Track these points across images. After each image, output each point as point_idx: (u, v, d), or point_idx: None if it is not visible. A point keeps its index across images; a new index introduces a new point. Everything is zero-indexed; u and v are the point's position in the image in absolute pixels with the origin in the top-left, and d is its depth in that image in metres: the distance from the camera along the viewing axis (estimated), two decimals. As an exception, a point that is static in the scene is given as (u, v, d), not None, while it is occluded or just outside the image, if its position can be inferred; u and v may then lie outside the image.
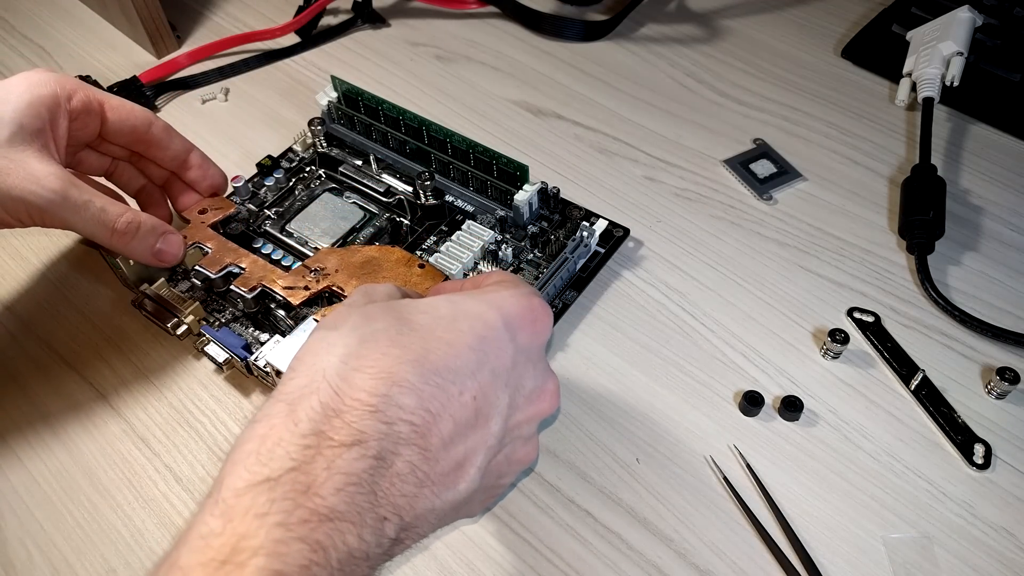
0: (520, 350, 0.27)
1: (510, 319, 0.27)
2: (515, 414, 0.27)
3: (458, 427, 0.25)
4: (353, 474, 0.22)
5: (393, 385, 0.24)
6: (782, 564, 0.32)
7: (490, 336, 0.26)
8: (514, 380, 0.27)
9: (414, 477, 0.24)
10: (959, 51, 0.47)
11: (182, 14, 0.60)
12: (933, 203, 0.42)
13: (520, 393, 0.27)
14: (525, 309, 0.27)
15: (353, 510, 0.22)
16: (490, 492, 0.29)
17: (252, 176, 0.46)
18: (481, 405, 0.25)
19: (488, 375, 0.26)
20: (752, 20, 0.57)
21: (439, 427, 0.24)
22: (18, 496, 0.35)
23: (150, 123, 0.39)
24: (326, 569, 0.21)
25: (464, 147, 0.42)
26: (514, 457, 0.29)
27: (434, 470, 0.24)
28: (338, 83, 0.46)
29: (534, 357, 0.28)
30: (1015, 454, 0.35)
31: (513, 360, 0.27)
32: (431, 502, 0.25)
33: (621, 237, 0.43)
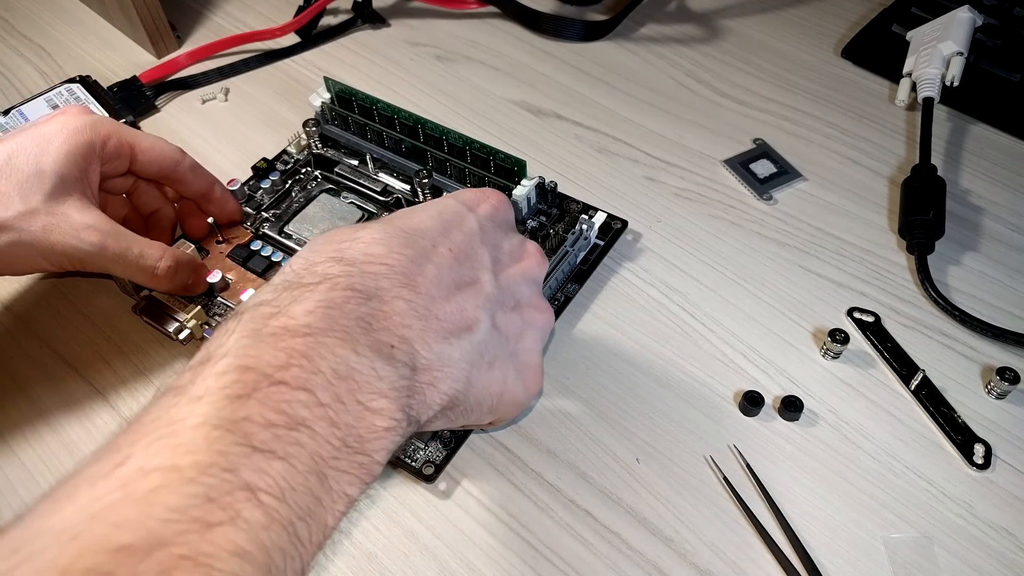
0: (483, 218, 0.29)
1: (463, 198, 0.30)
2: (503, 270, 0.29)
3: (442, 272, 0.26)
4: (326, 300, 0.23)
5: (355, 241, 0.25)
6: (782, 564, 0.32)
7: (448, 209, 0.28)
8: (488, 240, 0.29)
9: (412, 311, 0.24)
10: (959, 51, 0.47)
11: (182, 14, 0.60)
12: (933, 203, 0.42)
13: (500, 251, 0.29)
14: (475, 192, 0.31)
15: (334, 326, 0.22)
16: (522, 362, 0.29)
17: (248, 179, 0.46)
18: (460, 256, 0.27)
19: (457, 235, 0.28)
20: (752, 20, 0.57)
21: (421, 270, 0.25)
22: (18, 496, 0.35)
23: (177, 163, 0.40)
24: (316, 375, 0.21)
25: (460, 144, 0.42)
26: (524, 316, 0.29)
27: (433, 307, 0.25)
28: (331, 84, 0.46)
29: (502, 225, 0.30)
30: (1015, 454, 0.35)
31: (479, 225, 0.29)
32: (447, 340, 0.25)
33: (620, 229, 0.43)
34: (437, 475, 0.34)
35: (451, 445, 0.35)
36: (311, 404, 0.21)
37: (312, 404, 0.21)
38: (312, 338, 0.22)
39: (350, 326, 0.23)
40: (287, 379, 0.21)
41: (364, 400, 0.22)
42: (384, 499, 0.34)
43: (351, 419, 0.22)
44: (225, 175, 0.46)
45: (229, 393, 0.20)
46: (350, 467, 0.22)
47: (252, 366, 0.21)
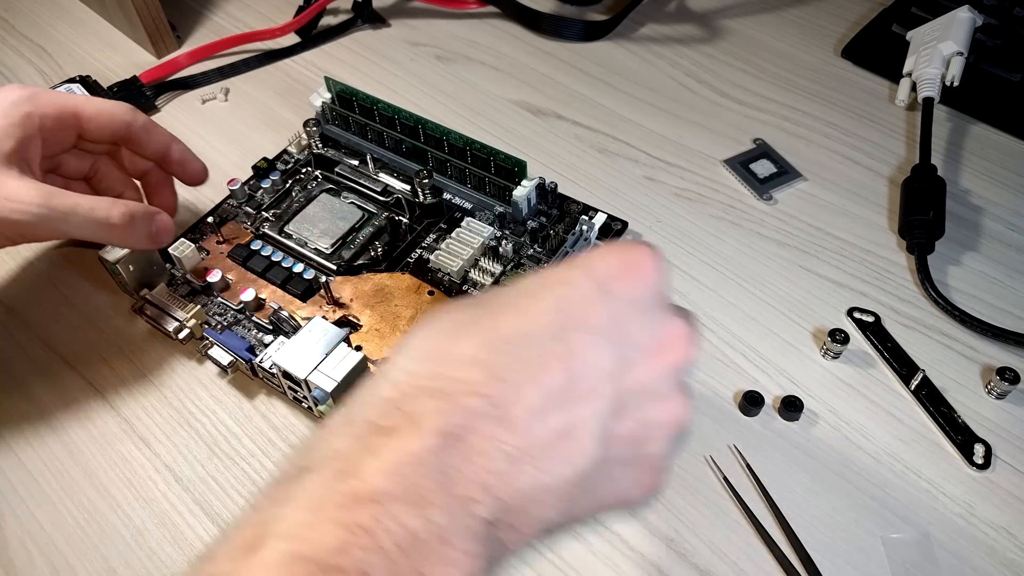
0: (621, 303, 0.24)
1: (598, 274, 0.24)
2: (631, 372, 0.23)
3: (549, 394, 0.22)
4: (407, 454, 0.20)
5: (450, 362, 0.22)
6: (782, 564, 0.32)
7: (574, 296, 0.23)
8: (619, 336, 0.23)
9: (501, 452, 0.21)
10: (959, 51, 0.47)
11: (182, 14, 0.60)
12: (933, 203, 0.42)
13: (632, 348, 0.24)
14: (617, 260, 0.24)
15: (408, 489, 0.20)
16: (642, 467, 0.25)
17: (248, 179, 0.46)
18: (575, 368, 0.22)
19: (578, 336, 0.23)
20: (752, 20, 0.57)
21: (521, 396, 0.22)
22: (18, 496, 0.35)
23: (128, 124, 0.39)
24: (376, 553, 0.19)
25: (461, 144, 0.42)
26: (651, 419, 0.24)
27: (528, 443, 0.21)
28: (332, 84, 0.46)
29: (644, 306, 0.24)
30: (1015, 454, 0.35)
31: (611, 315, 0.23)
32: (536, 479, 0.22)
33: (620, 230, 0.43)
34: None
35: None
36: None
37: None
38: (380, 507, 0.20)
39: (427, 486, 0.20)
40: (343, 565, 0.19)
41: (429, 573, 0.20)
42: (384, 499, 0.34)
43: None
44: (225, 175, 0.46)
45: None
46: None
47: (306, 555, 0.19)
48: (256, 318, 0.39)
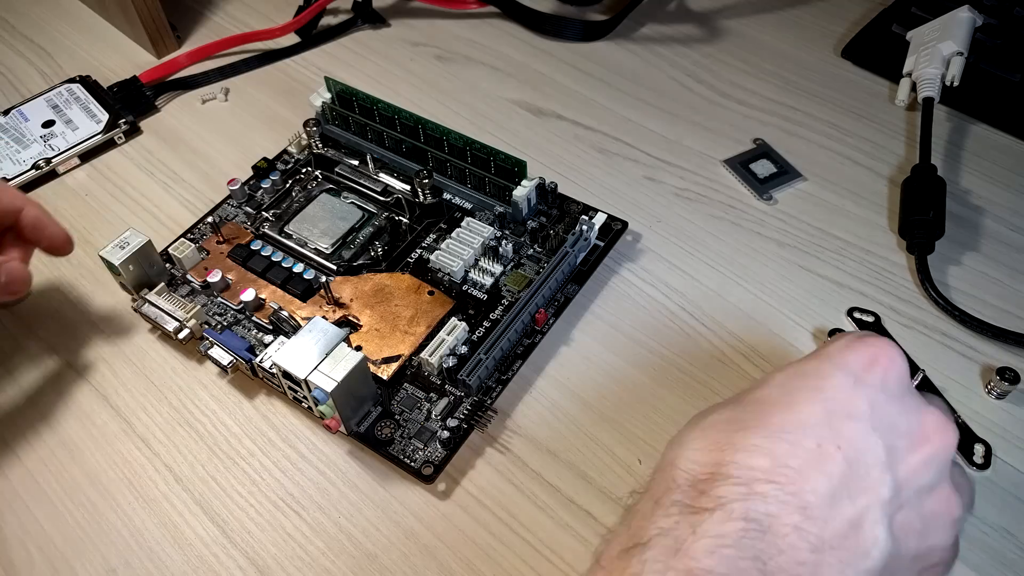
0: (876, 391, 0.25)
1: (845, 363, 0.25)
2: (902, 461, 0.24)
3: (834, 481, 0.23)
4: (723, 536, 0.21)
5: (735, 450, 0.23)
6: (782, 564, 0.32)
7: (829, 385, 0.24)
8: (881, 423, 0.24)
9: (804, 542, 0.22)
10: (959, 51, 0.47)
11: (182, 14, 0.60)
12: (933, 203, 0.42)
13: (896, 435, 0.24)
14: (858, 349, 0.25)
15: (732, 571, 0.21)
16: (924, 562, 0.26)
17: (248, 179, 0.46)
18: (851, 455, 0.23)
19: (846, 424, 0.24)
20: (752, 20, 0.57)
21: (811, 483, 0.22)
22: (18, 496, 0.35)
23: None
24: None
25: (461, 144, 0.42)
26: (928, 510, 0.25)
27: (825, 531, 0.22)
28: (332, 84, 0.46)
29: (897, 394, 0.25)
30: (1015, 454, 0.35)
31: (871, 404, 0.24)
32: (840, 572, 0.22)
33: (620, 230, 0.43)
34: (436, 475, 0.34)
35: (451, 446, 0.35)
36: None
37: None
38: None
39: (747, 568, 0.21)
40: None
41: None
42: (384, 499, 0.34)
43: None
44: (225, 175, 0.46)
45: None
46: None
47: None
48: (256, 318, 0.40)
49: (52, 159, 0.48)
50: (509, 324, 0.37)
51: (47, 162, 0.48)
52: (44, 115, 0.51)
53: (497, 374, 0.37)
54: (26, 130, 0.50)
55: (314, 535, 0.33)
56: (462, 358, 0.36)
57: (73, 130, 0.50)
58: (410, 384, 0.37)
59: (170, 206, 0.47)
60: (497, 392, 0.37)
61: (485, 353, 0.36)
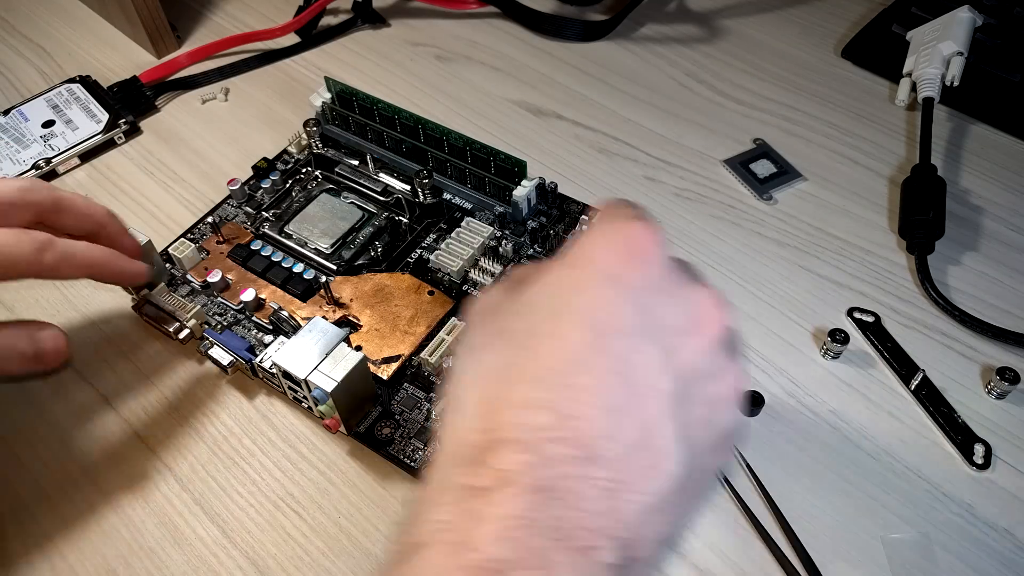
0: (636, 290, 0.22)
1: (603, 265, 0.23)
2: (679, 357, 0.22)
3: (615, 412, 0.21)
4: (512, 516, 0.19)
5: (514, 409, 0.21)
6: (782, 564, 0.32)
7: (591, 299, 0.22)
8: (653, 322, 0.22)
9: (599, 490, 0.20)
10: (959, 51, 0.47)
11: (182, 14, 0.60)
12: (933, 203, 0.42)
13: (671, 333, 0.22)
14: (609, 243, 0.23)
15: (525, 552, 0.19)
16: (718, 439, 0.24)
17: (248, 179, 0.46)
18: (628, 373, 0.21)
19: (618, 342, 0.21)
20: (752, 20, 0.57)
21: (596, 426, 0.21)
22: (18, 496, 0.35)
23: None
24: None
25: (461, 144, 0.42)
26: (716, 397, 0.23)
27: (617, 470, 0.20)
28: (332, 84, 0.46)
29: (663, 286, 0.23)
30: (1015, 454, 0.35)
31: (637, 308, 0.22)
32: (641, 503, 0.20)
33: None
34: (437, 475, 0.34)
35: (451, 445, 0.35)
36: None
37: None
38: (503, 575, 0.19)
39: (544, 545, 0.19)
40: None
41: None
42: (384, 499, 0.34)
43: None
44: (225, 175, 0.46)
45: None
46: None
47: None
48: (256, 318, 0.40)
49: (52, 159, 0.48)
50: (509, 324, 0.37)
51: (47, 162, 0.48)
52: (44, 115, 0.51)
53: (497, 374, 0.37)
54: (26, 130, 0.50)
55: (314, 535, 0.33)
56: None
57: (73, 130, 0.50)
58: (410, 384, 0.37)
59: (170, 206, 0.47)
60: (497, 392, 0.37)
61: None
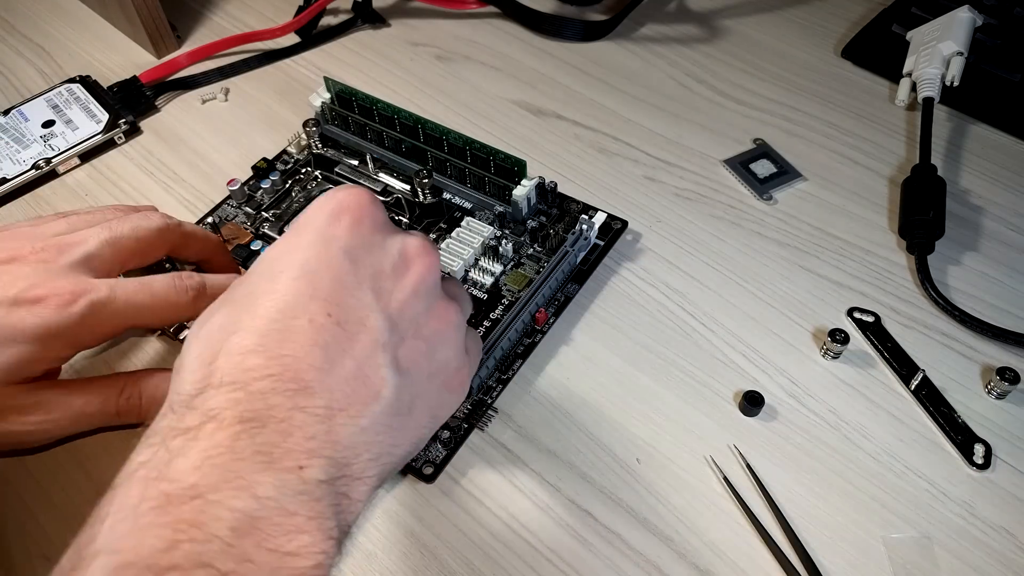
0: (348, 242, 0.25)
1: (316, 228, 0.25)
2: (391, 297, 0.25)
3: (330, 348, 0.23)
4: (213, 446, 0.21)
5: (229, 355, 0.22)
6: (782, 564, 0.32)
7: (305, 255, 0.25)
8: (365, 271, 0.25)
9: (311, 417, 0.22)
10: (959, 51, 0.47)
11: (182, 14, 0.60)
12: (933, 203, 0.42)
13: (382, 278, 0.25)
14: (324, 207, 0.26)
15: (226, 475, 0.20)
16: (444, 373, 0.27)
17: (248, 179, 0.46)
18: (342, 315, 0.24)
19: (331, 288, 0.24)
20: (752, 20, 0.57)
21: (308, 360, 0.23)
22: (18, 496, 0.35)
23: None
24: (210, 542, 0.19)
25: (460, 144, 0.42)
26: (429, 330, 0.26)
27: (331, 398, 0.23)
28: (331, 84, 0.46)
29: (371, 238, 0.26)
30: (1015, 454, 0.35)
31: (349, 257, 0.25)
32: (354, 425, 0.23)
33: (620, 229, 0.43)
34: (436, 475, 0.34)
35: (451, 445, 0.35)
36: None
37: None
38: (201, 500, 0.20)
39: (246, 468, 0.20)
40: (177, 562, 0.18)
41: (278, 546, 0.20)
42: (384, 499, 0.34)
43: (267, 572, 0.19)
44: (225, 175, 0.46)
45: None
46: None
47: (131, 561, 0.18)
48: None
49: (52, 159, 0.48)
50: (509, 324, 0.37)
51: (47, 162, 0.48)
52: (44, 115, 0.51)
53: (497, 373, 0.37)
54: (26, 130, 0.50)
55: (314, 535, 0.33)
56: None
57: (73, 130, 0.50)
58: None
59: (170, 206, 0.46)
60: (497, 391, 0.37)
61: (485, 353, 0.36)
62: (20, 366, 0.30)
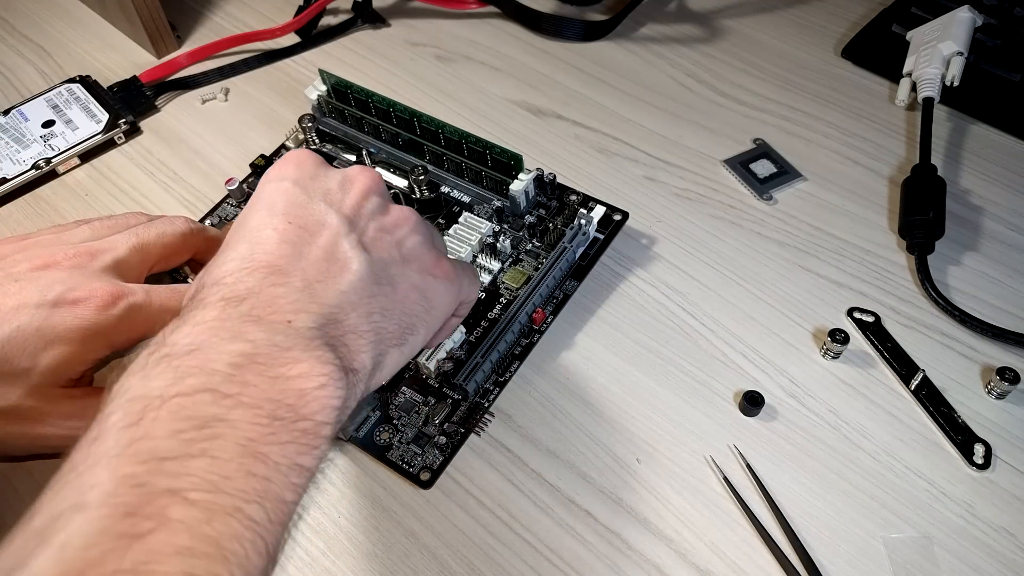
0: (296, 176, 0.29)
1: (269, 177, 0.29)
2: (343, 203, 0.29)
3: (296, 243, 0.26)
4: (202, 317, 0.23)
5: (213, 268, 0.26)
6: (782, 564, 0.32)
7: (264, 195, 0.28)
8: (316, 192, 0.29)
9: (291, 288, 0.25)
10: (959, 51, 0.47)
11: (182, 14, 0.60)
12: (933, 203, 0.42)
13: (331, 194, 0.29)
14: (273, 167, 0.30)
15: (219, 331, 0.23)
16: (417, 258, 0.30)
17: (246, 177, 0.46)
18: (301, 221, 0.27)
19: (287, 206, 0.28)
20: (752, 20, 0.57)
21: (278, 253, 0.26)
22: (18, 496, 0.35)
23: None
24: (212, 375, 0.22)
25: (456, 138, 0.42)
26: (386, 224, 0.30)
27: (307, 274, 0.26)
28: (327, 77, 0.46)
29: (315, 172, 0.30)
30: (1015, 454, 0.35)
31: (298, 186, 0.29)
32: (333, 288, 0.26)
33: (620, 221, 0.43)
34: (433, 481, 0.34)
35: (448, 451, 0.35)
36: (217, 400, 0.21)
37: (218, 399, 0.21)
38: (199, 351, 0.22)
39: (235, 325, 0.23)
40: (182, 390, 0.21)
41: (279, 372, 0.22)
42: (384, 500, 0.34)
43: (272, 394, 0.22)
44: (224, 174, 0.46)
45: (121, 425, 0.20)
46: (292, 437, 0.22)
47: (140, 395, 0.21)
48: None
49: (52, 159, 0.48)
50: (506, 326, 0.37)
51: (47, 162, 0.48)
52: (44, 115, 0.51)
53: (495, 376, 0.37)
54: (26, 130, 0.50)
55: (314, 535, 0.33)
56: (458, 362, 0.36)
57: (73, 130, 0.50)
58: (408, 388, 0.37)
59: (170, 206, 0.46)
60: (495, 394, 0.37)
61: (482, 356, 0.36)
62: (63, 367, 0.31)
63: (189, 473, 0.20)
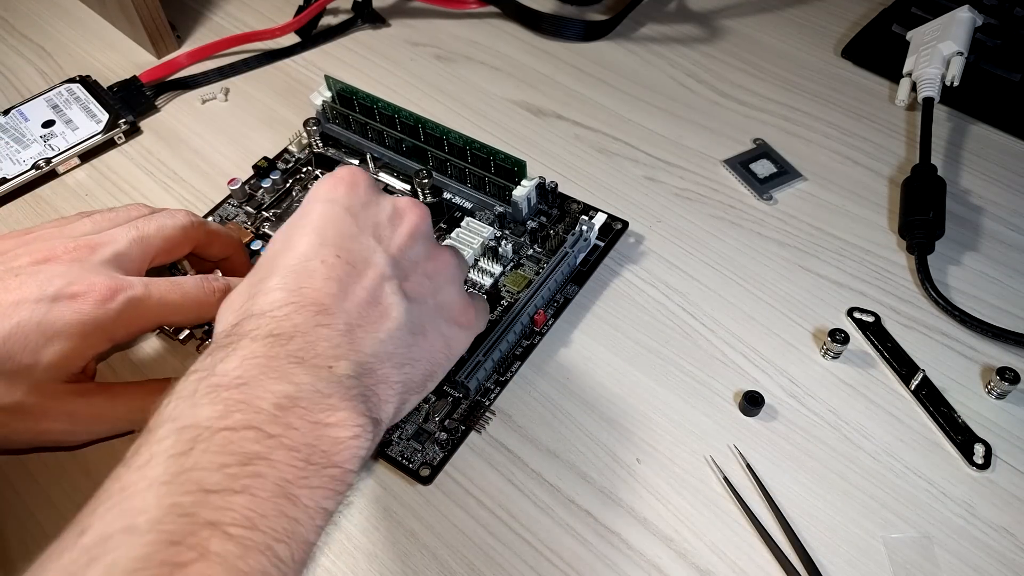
0: (348, 202, 0.29)
1: (318, 196, 0.29)
2: (391, 242, 0.29)
3: (343, 281, 0.27)
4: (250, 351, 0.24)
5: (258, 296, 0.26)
6: (782, 564, 0.32)
7: (312, 217, 0.29)
8: (366, 223, 0.29)
9: (334, 331, 0.25)
10: (959, 51, 0.47)
11: (182, 14, 0.60)
12: (933, 203, 0.42)
13: (380, 228, 0.30)
14: (322, 183, 0.30)
15: (266, 370, 0.23)
16: (450, 309, 0.31)
17: (248, 178, 0.46)
18: (350, 256, 0.28)
19: (337, 237, 0.28)
20: (752, 20, 0.57)
21: (325, 290, 0.26)
22: (18, 496, 0.35)
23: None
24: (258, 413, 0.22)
25: (461, 144, 0.42)
26: (429, 271, 0.31)
27: (350, 317, 0.26)
28: (332, 82, 0.46)
29: (367, 199, 0.30)
30: (1015, 454, 0.35)
31: (349, 213, 0.29)
32: (372, 337, 0.26)
33: (620, 230, 0.43)
34: (433, 477, 0.34)
35: (448, 448, 0.35)
36: (261, 439, 0.22)
37: (262, 438, 0.22)
38: (247, 386, 0.23)
39: (282, 365, 0.24)
40: (230, 425, 0.22)
41: (319, 419, 0.23)
42: (384, 499, 0.34)
43: (310, 439, 0.23)
44: (225, 175, 0.46)
45: (172, 452, 0.21)
46: (322, 483, 0.22)
47: (190, 424, 0.22)
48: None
49: (52, 159, 0.48)
50: (508, 326, 0.37)
51: (47, 162, 0.48)
52: (44, 115, 0.51)
53: (496, 375, 0.37)
54: (26, 130, 0.50)
55: (314, 535, 0.33)
56: (460, 360, 0.36)
57: (73, 130, 0.50)
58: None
59: (170, 206, 0.46)
60: (496, 393, 0.37)
61: (484, 355, 0.36)
62: (64, 362, 0.31)
63: (230, 508, 0.20)
